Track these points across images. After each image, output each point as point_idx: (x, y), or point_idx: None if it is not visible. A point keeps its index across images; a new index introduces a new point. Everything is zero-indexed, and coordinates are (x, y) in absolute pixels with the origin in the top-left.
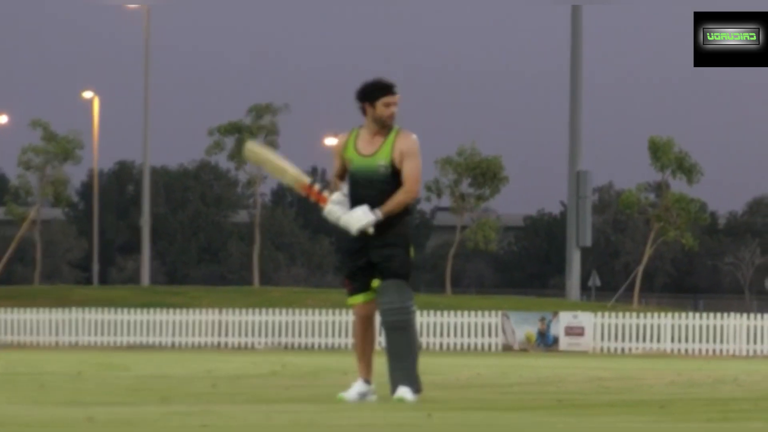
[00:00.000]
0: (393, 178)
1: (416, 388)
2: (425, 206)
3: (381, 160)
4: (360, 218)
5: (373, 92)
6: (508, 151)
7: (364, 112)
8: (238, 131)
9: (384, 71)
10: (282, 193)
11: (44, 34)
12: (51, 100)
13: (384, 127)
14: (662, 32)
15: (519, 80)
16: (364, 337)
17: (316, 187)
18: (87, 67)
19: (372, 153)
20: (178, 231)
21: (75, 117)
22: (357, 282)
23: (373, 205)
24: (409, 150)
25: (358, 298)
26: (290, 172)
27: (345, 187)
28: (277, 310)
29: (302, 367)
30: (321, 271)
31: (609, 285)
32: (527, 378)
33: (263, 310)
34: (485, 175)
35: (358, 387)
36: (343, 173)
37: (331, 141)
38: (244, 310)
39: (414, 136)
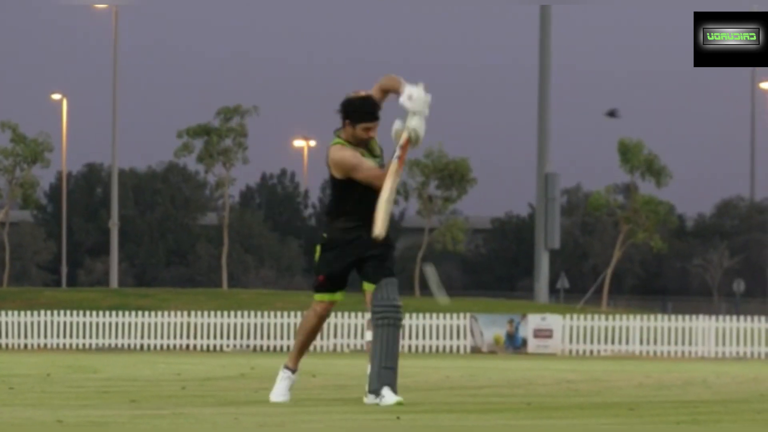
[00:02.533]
0: None
1: (396, 390)
2: (393, 209)
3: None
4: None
5: (355, 114)
6: (476, 152)
7: (343, 124)
8: (207, 133)
9: (351, 72)
10: (251, 196)
11: (12, 35)
12: (19, 102)
13: (360, 146)
14: (632, 34)
15: (487, 82)
16: (314, 334)
17: (397, 152)
18: (56, 69)
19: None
20: (146, 233)
21: (43, 119)
22: (332, 281)
23: (373, 206)
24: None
25: (325, 296)
26: (391, 184)
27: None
28: (245, 313)
29: (271, 370)
30: (290, 274)
31: (577, 287)
32: (496, 380)
33: (232, 313)
34: (453, 176)
35: (287, 381)
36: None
37: (299, 143)
38: (212, 313)
39: None
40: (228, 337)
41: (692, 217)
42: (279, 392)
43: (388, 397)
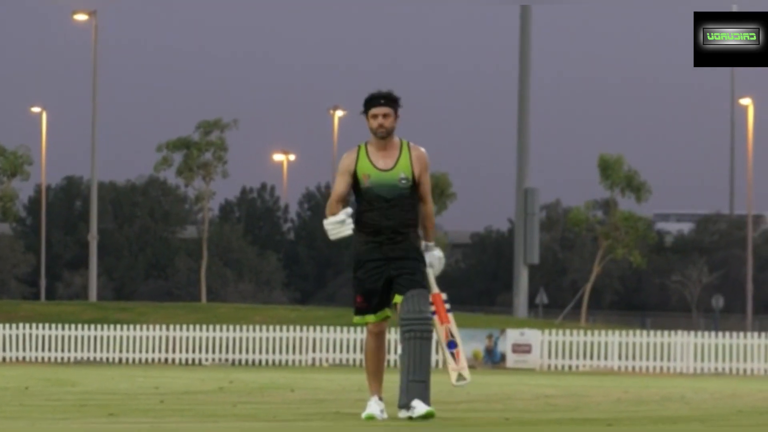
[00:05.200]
0: (412, 191)
1: (428, 403)
2: None
3: (401, 173)
4: (439, 264)
5: (365, 104)
6: (456, 167)
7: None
8: (187, 147)
9: (331, 85)
10: (230, 209)
11: None
12: None
13: (381, 139)
14: (612, 49)
15: (466, 96)
16: (379, 354)
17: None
18: (35, 82)
19: (391, 167)
20: (125, 247)
21: (23, 132)
22: (372, 301)
23: (394, 218)
24: (425, 165)
25: (371, 318)
26: (440, 337)
27: (343, 213)
28: (224, 326)
29: (249, 384)
30: (269, 288)
31: (556, 302)
32: (474, 395)
33: (210, 327)
34: (432, 191)
35: (379, 405)
36: (347, 194)
37: (279, 157)
38: (191, 326)
39: (424, 150)
40: (207, 351)
41: (672, 232)
42: (373, 410)
43: (419, 407)
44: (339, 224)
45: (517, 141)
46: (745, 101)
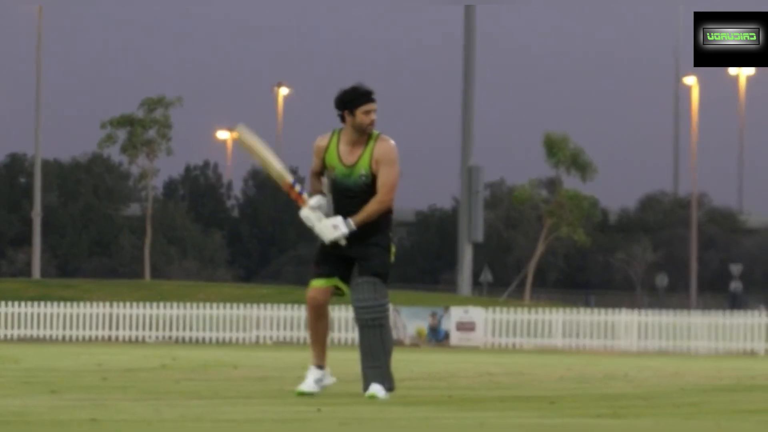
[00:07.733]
0: (373, 187)
1: (389, 386)
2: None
3: (362, 170)
4: (332, 231)
5: (351, 100)
6: (399, 145)
7: (343, 119)
8: (131, 124)
9: (275, 64)
10: (174, 187)
11: None
12: None
13: (364, 134)
14: (556, 26)
15: (410, 73)
16: (316, 324)
17: (297, 187)
18: None
19: (353, 163)
20: (69, 224)
21: None
22: (321, 267)
23: (358, 211)
24: (385, 158)
25: (315, 282)
26: (275, 166)
27: (325, 188)
28: (168, 304)
29: (193, 361)
30: (212, 265)
31: (501, 280)
32: (418, 373)
33: (154, 304)
34: None
35: (312, 375)
36: (321, 171)
37: (223, 134)
38: (134, 304)
39: (392, 143)
40: (150, 329)
41: (616, 211)
42: (305, 383)
43: (376, 392)
44: (317, 214)
45: (461, 118)
46: (690, 80)
